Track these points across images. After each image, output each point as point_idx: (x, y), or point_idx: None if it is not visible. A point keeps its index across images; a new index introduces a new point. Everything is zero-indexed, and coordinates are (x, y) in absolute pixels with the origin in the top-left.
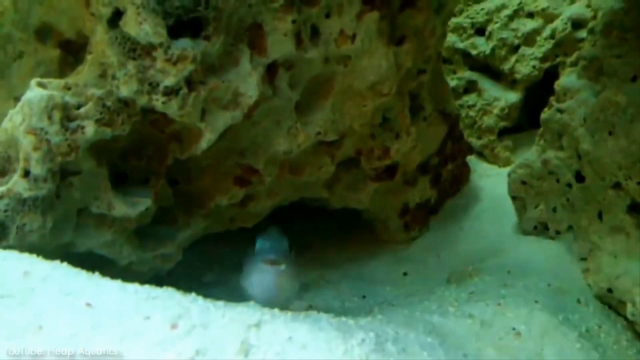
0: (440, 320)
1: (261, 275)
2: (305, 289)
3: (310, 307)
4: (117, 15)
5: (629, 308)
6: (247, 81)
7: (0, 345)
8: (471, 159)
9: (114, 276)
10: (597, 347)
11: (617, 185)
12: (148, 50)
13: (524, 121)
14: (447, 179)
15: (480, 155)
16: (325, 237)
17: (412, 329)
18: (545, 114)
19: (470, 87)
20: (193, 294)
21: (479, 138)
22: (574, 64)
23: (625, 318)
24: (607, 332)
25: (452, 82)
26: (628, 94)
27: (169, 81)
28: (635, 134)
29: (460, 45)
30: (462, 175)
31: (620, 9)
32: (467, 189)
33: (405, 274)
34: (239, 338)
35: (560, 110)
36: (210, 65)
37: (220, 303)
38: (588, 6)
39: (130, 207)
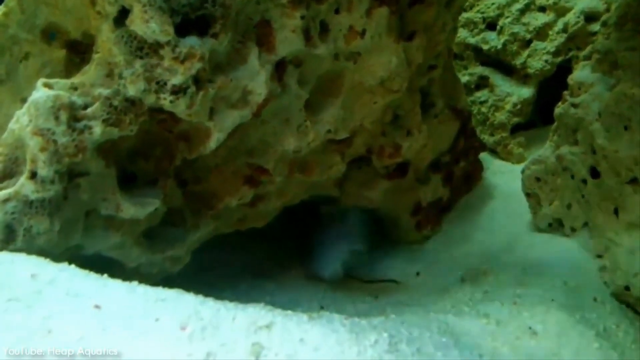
0: (455, 320)
1: None
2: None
3: (322, 309)
4: (123, 14)
5: None
6: (255, 79)
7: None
8: (484, 156)
9: (122, 278)
10: (616, 346)
11: (633, 181)
12: (155, 48)
13: (537, 117)
14: (460, 177)
15: (493, 152)
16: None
17: (426, 329)
18: (559, 109)
19: (482, 83)
20: (202, 296)
21: (492, 135)
22: (588, 57)
23: None
24: (626, 331)
25: (464, 78)
26: None
27: (176, 80)
28: None
29: (472, 40)
30: (474, 173)
31: (634, 1)
32: (480, 187)
33: (418, 273)
34: (250, 339)
35: (574, 105)
36: (218, 63)
37: (231, 304)
38: None
39: (139, 209)
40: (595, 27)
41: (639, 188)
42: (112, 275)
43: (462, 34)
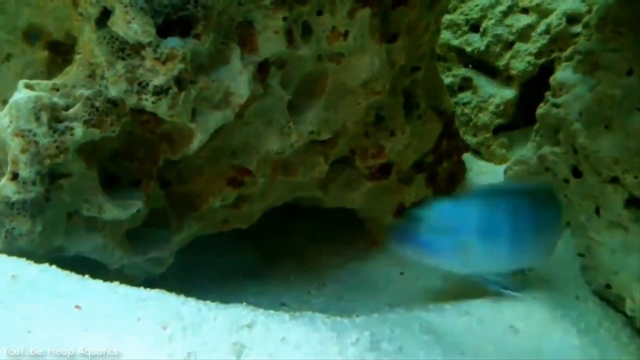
0: (437, 318)
1: None
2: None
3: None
4: (105, 15)
5: (628, 304)
6: (237, 80)
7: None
8: (467, 157)
9: (106, 280)
10: (597, 343)
11: (614, 180)
12: (137, 49)
13: (520, 118)
14: (443, 178)
15: (476, 152)
16: (320, 238)
17: (408, 328)
18: (541, 109)
19: (465, 84)
20: (183, 296)
21: (475, 135)
22: (569, 58)
23: (625, 314)
24: (607, 329)
25: (447, 80)
26: (623, 88)
27: (158, 80)
28: (632, 127)
29: (455, 42)
30: (458, 174)
31: (615, 3)
32: (463, 187)
33: (401, 273)
34: (231, 339)
35: (556, 105)
36: (200, 64)
37: (213, 304)
38: (583, 0)
39: (122, 210)
40: (577, 28)
41: (620, 187)
42: (95, 276)
43: (446, 35)
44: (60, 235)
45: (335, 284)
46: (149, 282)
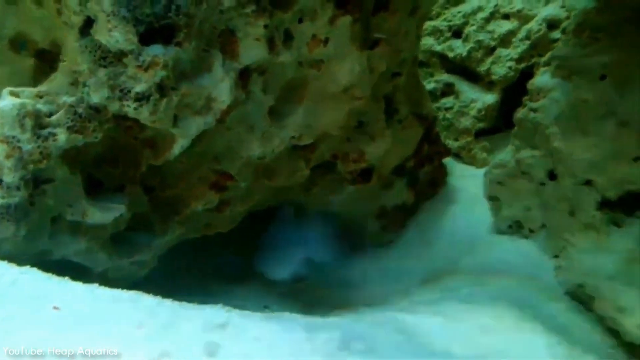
0: (410, 318)
1: None
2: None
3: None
4: (88, 24)
5: (598, 303)
6: (219, 86)
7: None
8: (449, 161)
9: (89, 283)
10: (565, 342)
11: (588, 183)
12: (119, 57)
13: (501, 122)
14: (424, 181)
15: (458, 156)
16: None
17: (381, 327)
18: (519, 114)
19: (448, 90)
20: (160, 297)
21: (457, 140)
22: (547, 63)
23: (596, 313)
24: (577, 328)
25: (430, 85)
26: (598, 93)
27: (140, 87)
28: (605, 131)
29: (438, 48)
30: (439, 177)
31: (592, 9)
32: (444, 191)
33: (382, 275)
34: (205, 338)
35: (533, 110)
36: (182, 71)
37: (189, 305)
38: (562, 7)
39: (105, 214)
40: (557, 34)
41: (593, 190)
42: (80, 280)
43: (429, 41)
44: (44, 239)
45: (316, 286)
46: (134, 286)
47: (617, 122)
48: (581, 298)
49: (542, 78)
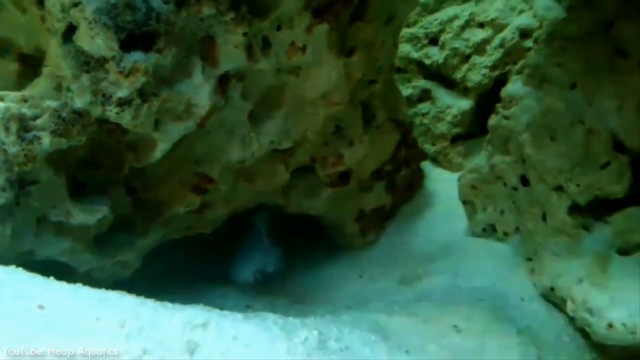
0: (386, 319)
1: None
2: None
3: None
4: (70, 30)
5: (569, 305)
6: (199, 92)
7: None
8: (425, 165)
9: (73, 283)
10: (536, 342)
11: (558, 188)
12: (101, 63)
13: (476, 128)
14: (402, 185)
15: (435, 161)
16: (284, 243)
17: (357, 328)
18: (492, 121)
19: (425, 96)
20: (142, 297)
21: (433, 144)
22: (519, 72)
23: (567, 315)
24: (548, 329)
25: (408, 91)
26: (567, 101)
27: (121, 93)
28: (574, 139)
29: (415, 55)
30: (416, 181)
31: (562, 20)
32: (421, 194)
33: (361, 276)
34: (185, 337)
35: (505, 117)
36: (163, 77)
37: (170, 305)
38: (535, 17)
39: (88, 215)
40: (530, 43)
41: (564, 195)
42: (64, 280)
43: (406, 48)
44: (29, 239)
45: (297, 287)
46: (117, 286)
47: (585, 130)
48: (553, 300)
49: (514, 86)
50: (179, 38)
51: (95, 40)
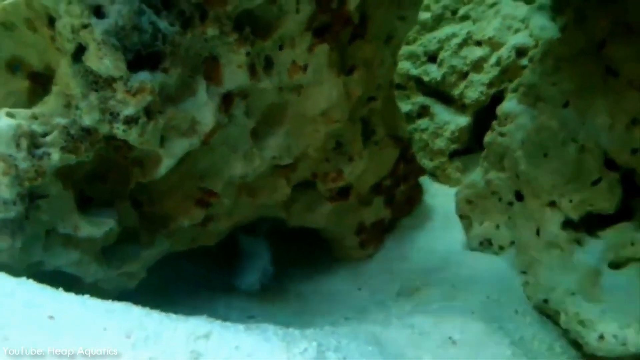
0: (383, 330)
1: None
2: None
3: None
4: (80, 51)
5: (562, 317)
6: (203, 110)
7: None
8: (424, 180)
9: (81, 293)
10: (529, 353)
11: (552, 204)
12: (109, 82)
13: (474, 143)
14: (401, 199)
15: (433, 176)
16: (284, 256)
17: (354, 339)
18: (488, 137)
19: (423, 112)
20: (148, 308)
21: (431, 160)
22: (515, 90)
23: (560, 327)
24: (541, 340)
25: (407, 107)
26: (560, 119)
27: (128, 111)
28: (567, 156)
29: (414, 72)
30: (415, 196)
31: (556, 39)
32: (420, 208)
33: (359, 289)
34: (189, 347)
35: (501, 134)
36: (168, 96)
37: (175, 316)
38: (531, 35)
39: (95, 228)
40: (526, 61)
41: (557, 210)
42: (72, 290)
43: (406, 65)
44: (39, 251)
45: (298, 299)
46: (124, 296)
47: (578, 147)
48: (547, 312)
49: (509, 104)
50: (184, 58)
51: (104, 61)
